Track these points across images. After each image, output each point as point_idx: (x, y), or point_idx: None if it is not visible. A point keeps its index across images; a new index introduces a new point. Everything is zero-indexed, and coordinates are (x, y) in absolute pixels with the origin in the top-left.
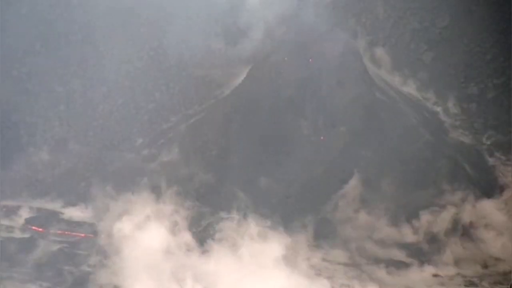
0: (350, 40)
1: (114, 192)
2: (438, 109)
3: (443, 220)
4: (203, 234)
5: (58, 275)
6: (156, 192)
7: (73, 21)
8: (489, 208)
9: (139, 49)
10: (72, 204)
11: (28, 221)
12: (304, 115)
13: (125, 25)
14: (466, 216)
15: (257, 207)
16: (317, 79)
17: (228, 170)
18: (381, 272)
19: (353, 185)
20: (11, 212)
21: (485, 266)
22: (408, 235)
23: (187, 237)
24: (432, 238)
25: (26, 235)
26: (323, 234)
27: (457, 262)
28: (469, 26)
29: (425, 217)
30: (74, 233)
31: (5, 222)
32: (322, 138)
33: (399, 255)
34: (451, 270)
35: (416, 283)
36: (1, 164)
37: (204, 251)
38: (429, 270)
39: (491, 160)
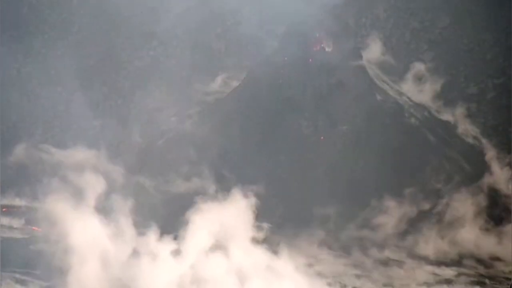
0: (350, 40)
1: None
2: (438, 109)
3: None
4: None
5: (59, 275)
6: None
7: (73, 21)
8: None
9: (139, 49)
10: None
11: (28, 221)
12: (304, 115)
13: (125, 25)
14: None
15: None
16: (317, 79)
17: (228, 170)
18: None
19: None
20: (11, 212)
21: (485, 266)
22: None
23: None
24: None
25: (26, 235)
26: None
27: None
28: (469, 26)
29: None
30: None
31: (5, 222)
32: (322, 138)
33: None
34: (453, 270)
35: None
36: (1, 164)
37: None
38: (429, 268)
39: (490, 160)
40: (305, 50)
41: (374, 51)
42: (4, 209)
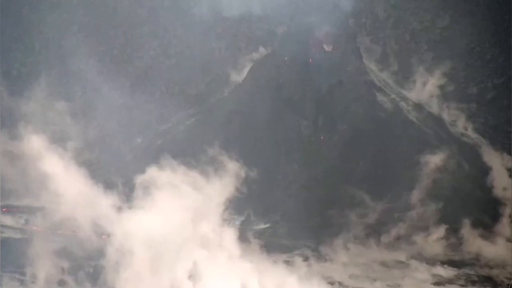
0: (350, 40)
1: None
2: (438, 108)
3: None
4: None
5: (58, 275)
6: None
7: (73, 21)
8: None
9: (139, 49)
10: None
11: (28, 221)
12: (304, 115)
13: (125, 25)
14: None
15: (257, 207)
16: (317, 79)
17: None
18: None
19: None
20: (11, 212)
21: (485, 267)
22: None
23: None
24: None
25: (26, 235)
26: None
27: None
28: (469, 26)
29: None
30: (74, 233)
31: (5, 222)
32: (322, 138)
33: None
34: (453, 270)
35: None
36: (1, 164)
37: None
38: (429, 269)
39: (490, 160)
40: (305, 50)
41: (374, 51)
42: (4, 209)
